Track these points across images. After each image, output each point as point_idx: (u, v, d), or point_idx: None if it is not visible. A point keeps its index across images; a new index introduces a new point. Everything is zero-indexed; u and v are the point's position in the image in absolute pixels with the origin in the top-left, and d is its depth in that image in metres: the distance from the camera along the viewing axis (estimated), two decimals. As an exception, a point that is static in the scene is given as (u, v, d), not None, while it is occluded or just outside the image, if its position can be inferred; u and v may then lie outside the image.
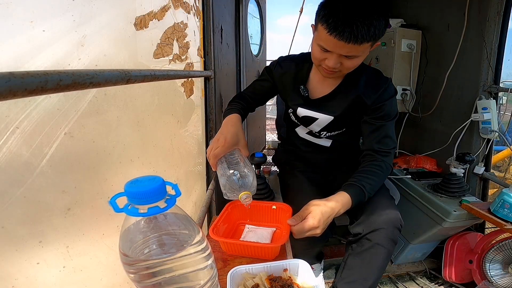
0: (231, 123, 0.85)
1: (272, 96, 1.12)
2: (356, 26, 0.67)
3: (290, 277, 0.58)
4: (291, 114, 1.09)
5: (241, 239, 0.79)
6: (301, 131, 1.12)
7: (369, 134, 0.93)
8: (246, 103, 1.02)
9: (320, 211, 0.73)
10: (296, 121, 1.08)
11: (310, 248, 1.11)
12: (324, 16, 0.71)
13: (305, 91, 0.96)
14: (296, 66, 0.99)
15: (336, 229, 1.77)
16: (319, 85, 0.97)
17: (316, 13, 0.75)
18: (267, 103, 1.29)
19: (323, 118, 0.99)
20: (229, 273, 0.55)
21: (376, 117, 0.91)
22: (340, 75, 0.88)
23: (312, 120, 1.01)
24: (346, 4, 0.69)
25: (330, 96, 0.96)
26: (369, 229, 0.83)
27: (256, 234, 0.80)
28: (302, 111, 1.01)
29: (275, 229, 0.83)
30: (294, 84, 0.99)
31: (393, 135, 0.92)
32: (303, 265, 0.59)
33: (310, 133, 1.09)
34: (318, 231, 0.73)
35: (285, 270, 0.59)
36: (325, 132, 1.04)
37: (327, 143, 1.09)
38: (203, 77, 1.08)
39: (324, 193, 1.04)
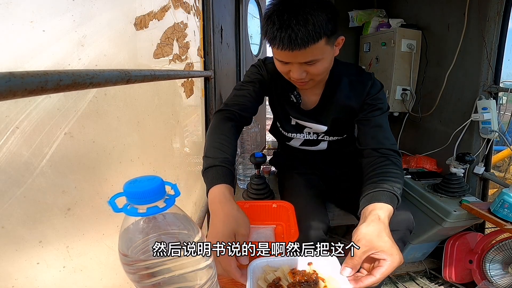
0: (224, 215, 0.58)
1: (263, 99, 1.00)
2: (292, 30, 0.62)
3: (314, 271, 0.53)
4: (280, 128, 1.03)
5: None
6: (296, 143, 1.07)
7: (369, 132, 0.84)
8: (238, 125, 0.82)
9: (388, 236, 0.55)
10: (287, 134, 1.02)
11: None
12: (264, 32, 0.68)
13: (298, 97, 0.89)
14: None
15: (336, 229, 1.78)
16: (305, 94, 0.91)
17: (261, 31, 0.73)
18: (267, 103, 1.27)
19: (317, 127, 0.96)
20: (249, 265, 0.52)
21: (371, 112, 0.85)
22: (315, 84, 0.81)
23: (304, 127, 0.99)
24: (277, 11, 0.64)
25: (320, 108, 0.91)
26: None
27: (259, 234, 0.80)
28: (295, 120, 0.98)
29: (275, 226, 0.84)
30: (285, 89, 0.91)
31: (390, 131, 0.85)
32: (330, 258, 0.53)
33: (305, 143, 1.05)
34: (403, 261, 0.55)
35: (309, 264, 0.54)
36: (323, 134, 1.01)
37: (324, 146, 1.07)
38: (203, 77, 1.09)
39: (322, 195, 1.03)
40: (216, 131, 0.74)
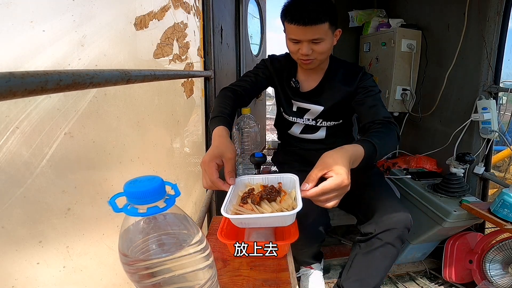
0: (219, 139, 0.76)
1: (265, 88, 1.16)
2: (306, 11, 0.86)
3: (281, 185, 0.71)
4: (283, 114, 1.16)
5: (245, 240, 0.79)
6: (296, 130, 1.16)
7: (366, 110, 0.95)
8: (238, 98, 0.98)
9: (342, 162, 0.61)
10: (289, 118, 1.14)
11: (306, 249, 1.11)
12: (284, 14, 0.91)
13: (296, 83, 1.06)
14: (285, 63, 1.09)
15: (336, 229, 1.78)
16: (306, 81, 1.08)
17: (281, 16, 0.94)
18: (267, 103, 1.30)
19: (315, 108, 1.08)
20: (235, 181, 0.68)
21: (365, 94, 0.99)
22: (317, 64, 0.99)
23: (305, 110, 1.10)
24: (294, 3, 0.89)
25: (318, 90, 1.06)
26: (381, 229, 0.86)
27: (259, 233, 0.80)
28: (296, 104, 1.10)
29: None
30: (287, 78, 1.09)
31: (386, 109, 0.97)
32: (294, 179, 0.69)
33: (305, 129, 1.14)
34: (347, 182, 0.60)
35: (279, 183, 0.72)
36: (321, 120, 1.10)
37: (322, 134, 1.13)
38: (203, 77, 1.09)
39: None
40: (219, 100, 0.94)
